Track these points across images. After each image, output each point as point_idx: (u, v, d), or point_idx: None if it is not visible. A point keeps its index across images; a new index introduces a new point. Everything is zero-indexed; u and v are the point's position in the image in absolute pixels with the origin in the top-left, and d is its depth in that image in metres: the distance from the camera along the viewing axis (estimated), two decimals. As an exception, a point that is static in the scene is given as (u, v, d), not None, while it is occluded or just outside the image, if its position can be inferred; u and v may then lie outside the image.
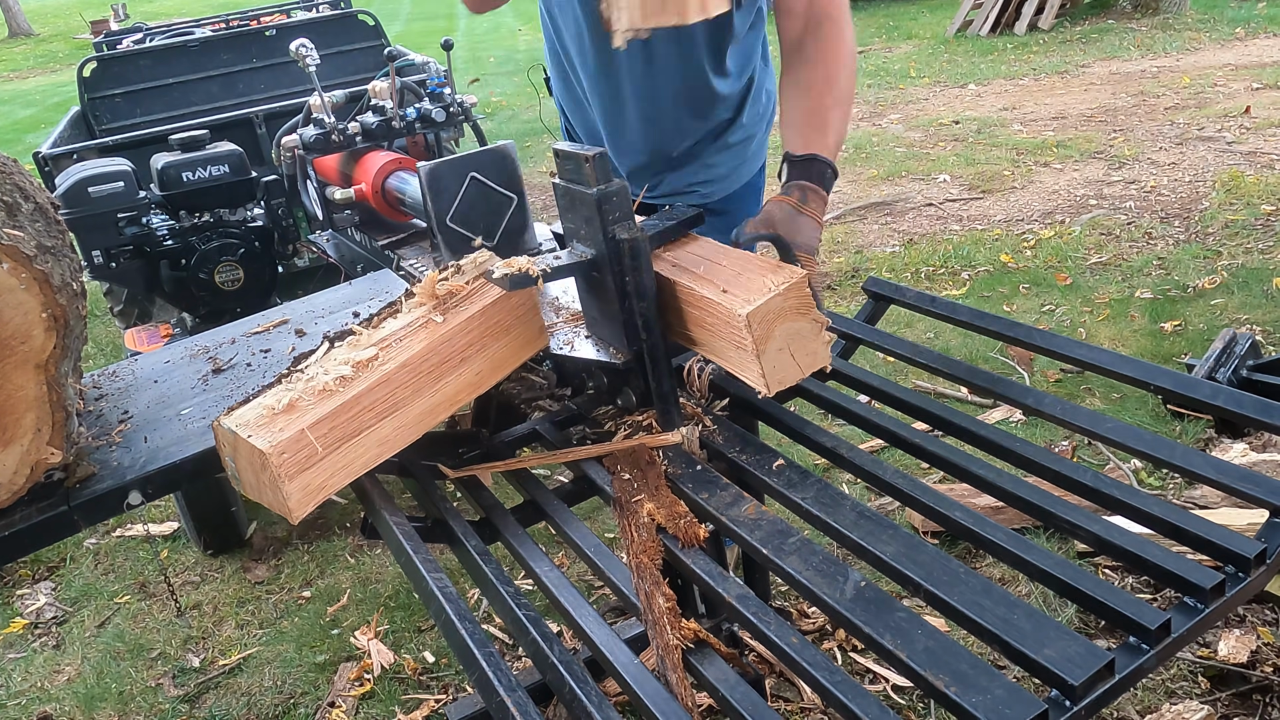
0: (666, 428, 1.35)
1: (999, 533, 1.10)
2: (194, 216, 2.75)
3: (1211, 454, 1.52)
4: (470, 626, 0.94)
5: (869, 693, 0.92)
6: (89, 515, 1.28)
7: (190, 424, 1.43)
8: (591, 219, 1.30)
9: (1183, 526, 1.07)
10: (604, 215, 1.28)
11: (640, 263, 1.28)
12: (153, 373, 1.66)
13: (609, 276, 1.32)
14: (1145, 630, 0.94)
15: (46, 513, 1.25)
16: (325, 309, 1.84)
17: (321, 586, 2.66)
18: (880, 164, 5.87)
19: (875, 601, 1.00)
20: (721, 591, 1.06)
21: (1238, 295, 3.57)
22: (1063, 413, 1.31)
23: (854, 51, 1.70)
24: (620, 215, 1.29)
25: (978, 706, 0.87)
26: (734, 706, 0.91)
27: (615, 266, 1.29)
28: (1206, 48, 7.91)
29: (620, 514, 1.21)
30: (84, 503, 1.27)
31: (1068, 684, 0.88)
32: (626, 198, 1.30)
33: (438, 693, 2.23)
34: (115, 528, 3.07)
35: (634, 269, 1.28)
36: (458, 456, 1.45)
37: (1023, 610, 0.97)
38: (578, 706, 0.88)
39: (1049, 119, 6.38)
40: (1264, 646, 1.94)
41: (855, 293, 4.15)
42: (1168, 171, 5.08)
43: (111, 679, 2.42)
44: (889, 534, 1.11)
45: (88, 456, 1.35)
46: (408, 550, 1.08)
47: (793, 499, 1.21)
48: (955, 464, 1.27)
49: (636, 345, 1.33)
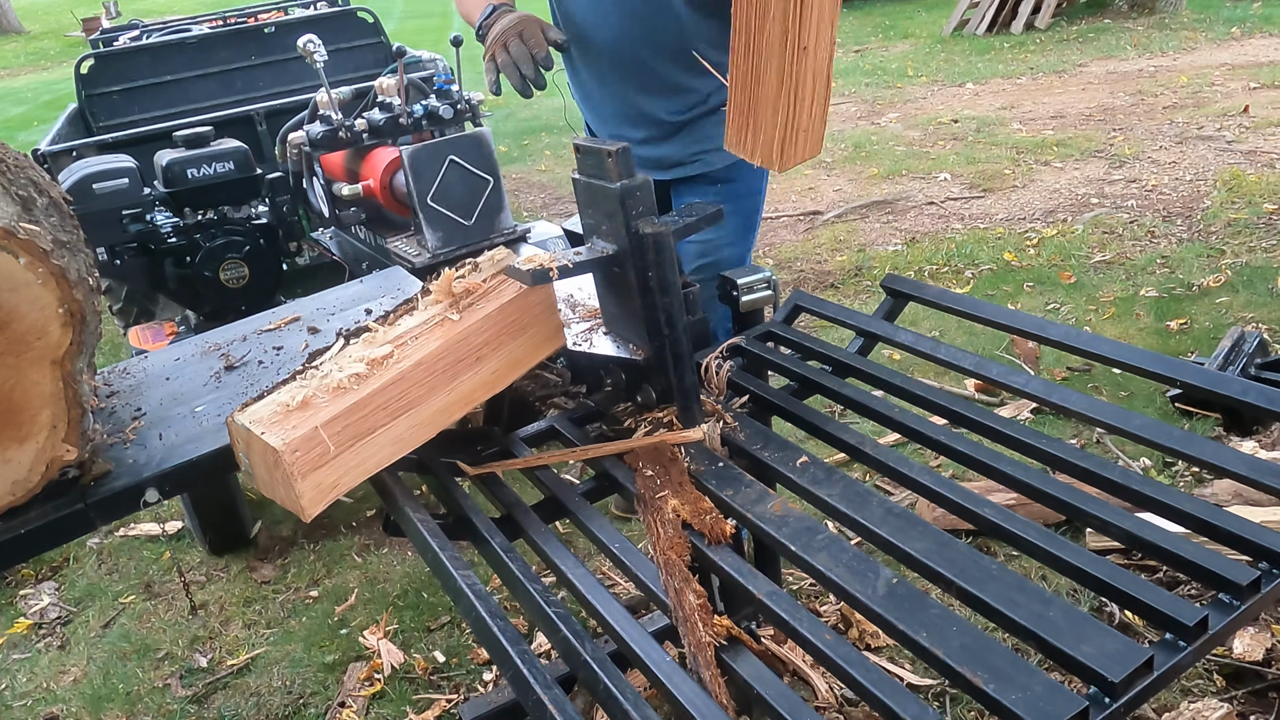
0: (688, 424, 1.34)
1: (1029, 529, 1.09)
2: (199, 213, 2.73)
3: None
4: (503, 624, 0.93)
5: (906, 689, 0.91)
6: (105, 513, 1.27)
7: (205, 421, 1.42)
8: (614, 214, 1.29)
9: (1215, 523, 1.07)
10: (627, 210, 1.27)
11: (664, 257, 1.27)
12: (164, 370, 1.64)
13: (631, 272, 1.31)
14: (1183, 627, 0.94)
15: (62, 510, 1.24)
16: (337, 306, 1.82)
17: (329, 586, 2.65)
18: (880, 162, 5.86)
19: (908, 598, 1.00)
20: (751, 589, 1.05)
21: (1243, 293, 3.57)
22: (1087, 408, 1.31)
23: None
24: (644, 210, 1.28)
25: (1017, 704, 0.86)
26: (770, 704, 0.90)
27: (638, 262, 1.28)
28: (1203, 47, 7.93)
29: (645, 510, 1.20)
30: (100, 500, 1.26)
31: (1107, 681, 0.87)
32: (650, 192, 1.29)
33: (449, 692, 2.21)
34: (119, 527, 3.05)
35: (657, 264, 1.27)
36: (475, 454, 1.44)
37: (1058, 606, 0.96)
38: (614, 705, 0.87)
39: (1048, 118, 6.39)
40: (1278, 644, 1.94)
41: (859, 291, 4.14)
42: (1168, 170, 5.08)
43: (118, 679, 2.40)
44: (918, 530, 1.10)
45: (103, 454, 1.34)
46: (434, 547, 1.07)
47: (819, 495, 1.20)
48: (978, 459, 1.26)
49: (659, 341, 1.32)
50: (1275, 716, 1.81)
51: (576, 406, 1.57)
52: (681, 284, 1.36)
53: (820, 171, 5.87)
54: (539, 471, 1.35)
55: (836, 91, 8.03)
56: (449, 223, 2.06)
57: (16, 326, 1.14)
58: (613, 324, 1.48)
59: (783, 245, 4.79)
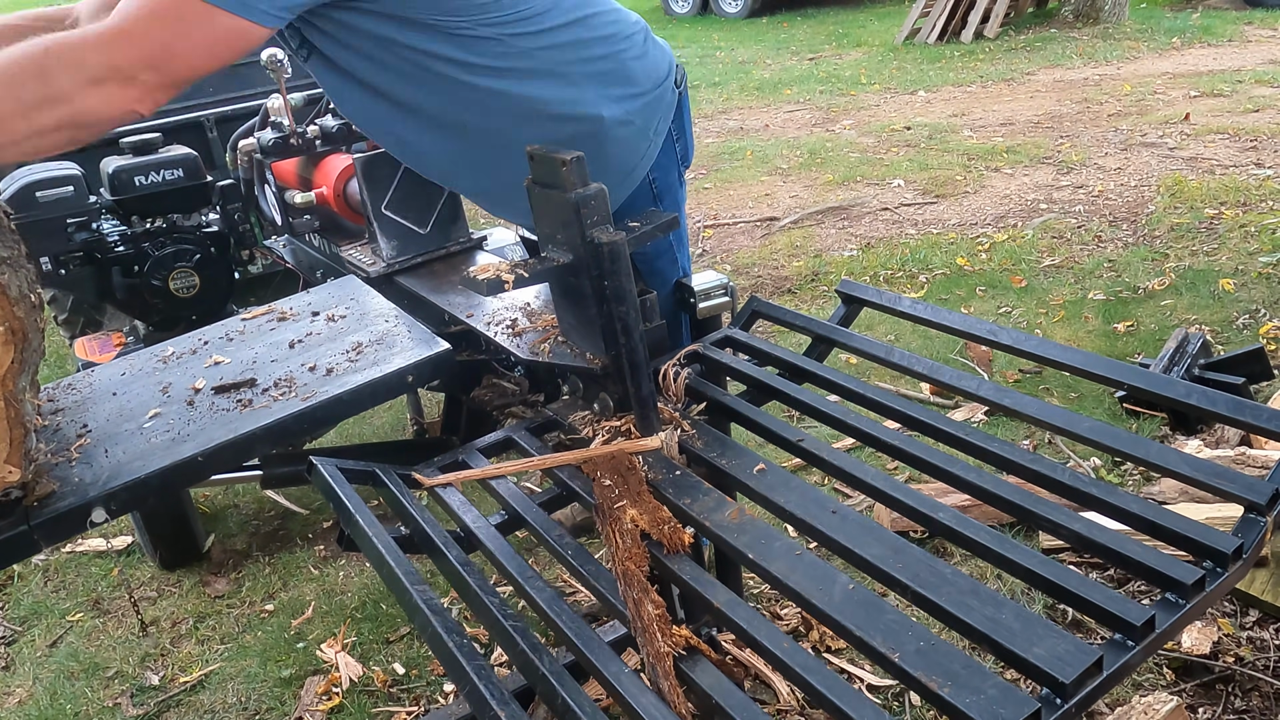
0: (646, 432, 1.34)
1: (981, 531, 1.11)
2: (147, 222, 2.68)
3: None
4: (459, 639, 0.92)
5: (863, 695, 0.92)
6: (50, 534, 1.23)
7: (154, 437, 1.39)
8: (569, 223, 1.29)
9: (1160, 523, 1.09)
10: (582, 219, 1.27)
11: (619, 266, 1.27)
12: (110, 384, 1.60)
13: (586, 281, 1.31)
14: (1131, 626, 0.96)
15: (6, 533, 1.20)
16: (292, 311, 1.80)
17: (285, 599, 2.60)
18: (835, 169, 5.93)
19: (865, 604, 1.01)
20: (710, 598, 1.05)
21: (1186, 296, 3.66)
22: (1038, 412, 1.33)
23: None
24: (598, 219, 1.28)
25: (971, 707, 0.87)
26: (729, 715, 0.90)
27: (594, 271, 1.28)
28: (1145, 56, 8.13)
29: (603, 521, 1.20)
30: (45, 521, 1.22)
31: (1059, 682, 0.89)
32: (604, 201, 1.29)
33: (409, 705, 2.19)
34: (65, 543, 2.97)
35: (613, 273, 1.27)
36: (431, 465, 1.43)
37: (1010, 609, 0.98)
38: (570, 717, 0.86)
39: (998, 125, 6.50)
40: (1225, 637, 1.99)
41: (815, 296, 4.18)
42: (1114, 176, 5.20)
43: (66, 700, 2.34)
44: (873, 535, 1.11)
45: (47, 473, 1.30)
46: (389, 562, 1.06)
47: (776, 502, 1.21)
48: (932, 463, 1.27)
49: (615, 350, 1.32)
50: (1223, 708, 1.86)
51: (534, 416, 1.57)
52: (638, 291, 1.36)
53: (776, 178, 5.92)
54: (495, 483, 1.34)
55: (792, 99, 8.12)
56: (404, 231, 2.05)
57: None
58: (569, 333, 1.48)
59: (740, 251, 4.82)
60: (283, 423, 1.31)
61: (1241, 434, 2.51)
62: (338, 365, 1.48)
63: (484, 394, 1.85)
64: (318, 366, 1.48)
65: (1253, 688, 1.88)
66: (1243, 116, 5.92)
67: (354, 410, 1.41)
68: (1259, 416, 1.19)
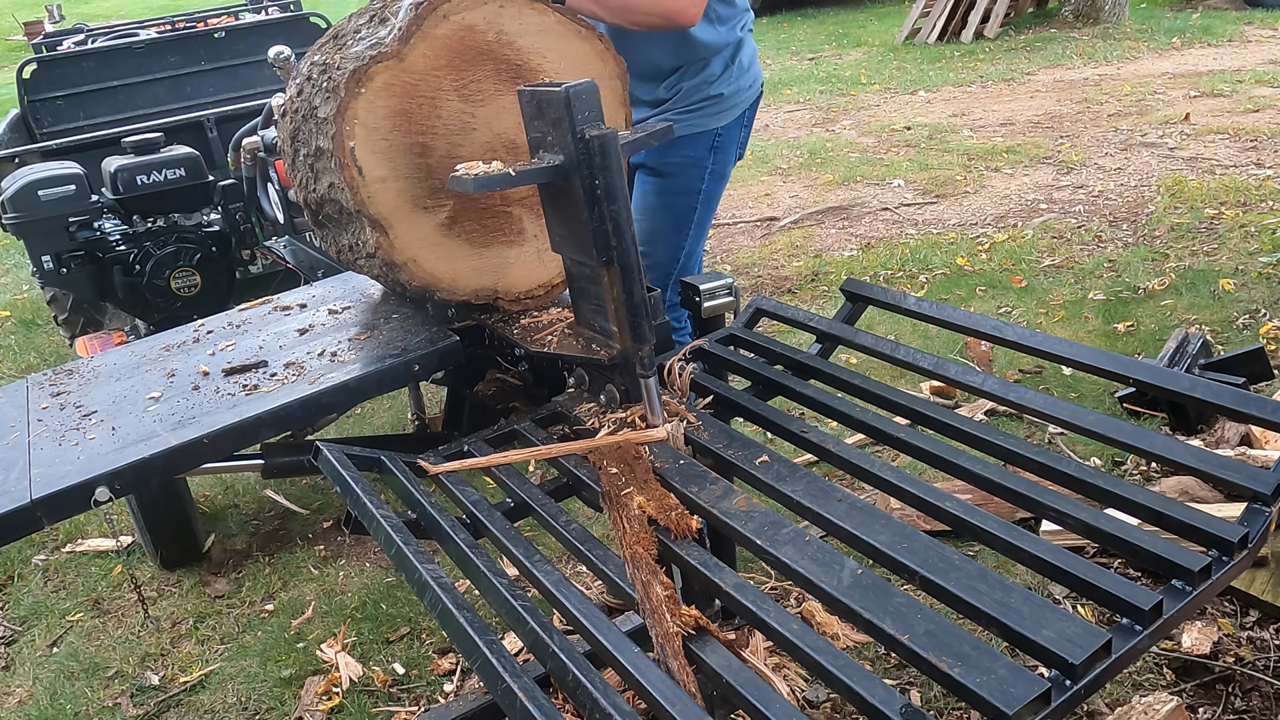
0: (638, 341, 1.31)
1: (991, 521, 1.11)
2: (149, 221, 2.68)
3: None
4: (469, 615, 0.92)
5: (874, 675, 0.91)
6: (53, 512, 1.23)
7: (159, 420, 1.38)
8: (560, 120, 1.25)
9: (1166, 513, 1.09)
10: (573, 114, 1.24)
11: (610, 162, 1.23)
12: (114, 370, 1.60)
13: (578, 181, 1.27)
14: (1139, 611, 0.96)
15: (6, 507, 1.19)
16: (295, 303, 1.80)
17: (285, 599, 2.60)
18: (835, 169, 5.93)
19: (873, 588, 1.00)
20: (718, 581, 1.05)
21: (1186, 296, 3.66)
22: (1044, 405, 1.33)
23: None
24: (590, 115, 1.25)
25: (982, 687, 0.87)
26: (739, 692, 0.90)
27: (585, 170, 1.25)
28: (1145, 56, 8.14)
29: (610, 507, 1.20)
30: (48, 497, 1.22)
31: (1068, 663, 0.89)
32: (595, 97, 1.26)
33: (409, 704, 2.18)
34: (65, 543, 2.97)
35: (604, 169, 1.24)
36: (436, 455, 1.42)
37: (1019, 593, 0.98)
38: (582, 694, 0.86)
39: (998, 125, 6.51)
40: (1225, 637, 1.98)
41: (816, 295, 4.18)
42: (1114, 176, 5.21)
43: (66, 700, 2.33)
44: (881, 523, 1.11)
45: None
46: (397, 542, 1.06)
47: (782, 491, 1.20)
48: (941, 458, 1.27)
49: (607, 254, 1.29)
50: (1223, 708, 1.85)
51: (539, 409, 1.57)
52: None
53: (776, 178, 5.92)
54: (502, 471, 1.34)
55: (792, 99, 8.13)
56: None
57: None
58: (559, 245, 1.43)
59: (740, 251, 4.82)
60: (288, 408, 1.31)
61: (1241, 434, 2.51)
62: (343, 352, 1.48)
63: (487, 389, 1.85)
64: (324, 352, 1.49)
65: (1253, 688, 1.87)
66: (1243, 116, 5.93)
67: (359, 398, 1.41)
68: (1264, 409, 1.19)
